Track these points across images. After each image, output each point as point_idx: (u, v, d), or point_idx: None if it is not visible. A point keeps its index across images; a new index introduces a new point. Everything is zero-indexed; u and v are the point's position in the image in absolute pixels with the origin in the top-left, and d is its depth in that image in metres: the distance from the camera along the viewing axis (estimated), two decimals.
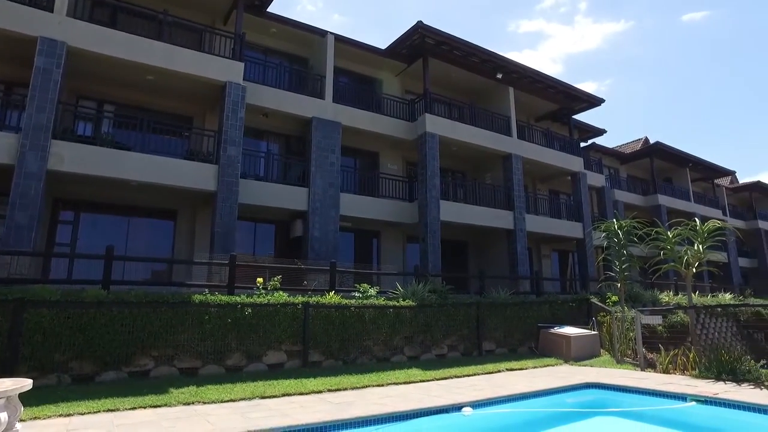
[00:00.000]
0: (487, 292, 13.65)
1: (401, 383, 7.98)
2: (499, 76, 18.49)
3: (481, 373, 9.13)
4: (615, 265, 12.35)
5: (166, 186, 11.76)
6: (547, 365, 10.42)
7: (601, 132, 25.25)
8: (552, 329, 12.08)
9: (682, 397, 6.93)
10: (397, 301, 10.73)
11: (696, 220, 10.07)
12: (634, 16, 79.92)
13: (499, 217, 17.49)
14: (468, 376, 8.86)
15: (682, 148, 28.14)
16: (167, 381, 7.34)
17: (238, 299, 8.71)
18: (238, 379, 7.75)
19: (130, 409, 5.74)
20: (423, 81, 16.97)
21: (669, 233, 10.07)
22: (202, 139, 13.48)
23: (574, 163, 20.80)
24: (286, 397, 6.77)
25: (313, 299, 9.55)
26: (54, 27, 10.76)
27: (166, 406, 6.00)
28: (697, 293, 15.82)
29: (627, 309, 11.49)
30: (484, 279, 14.75)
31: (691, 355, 9.02)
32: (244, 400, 6.53)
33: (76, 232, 12.11)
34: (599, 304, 13.13)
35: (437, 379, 8.42)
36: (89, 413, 5.48)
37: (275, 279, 9.93)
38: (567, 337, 11.42)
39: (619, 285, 12.42)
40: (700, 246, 9.60)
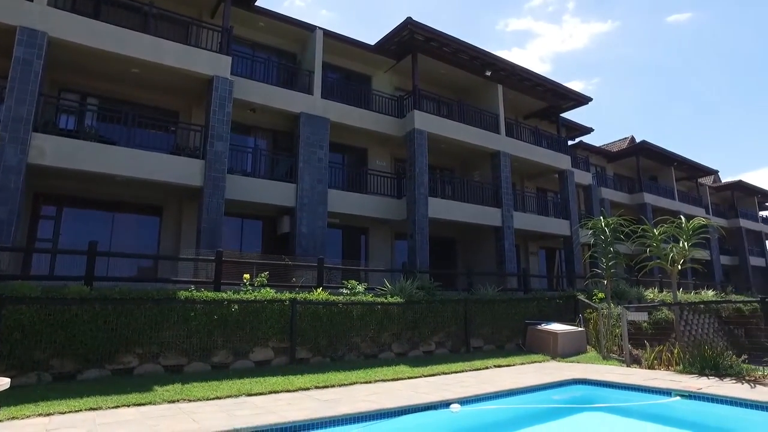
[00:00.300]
0: (475, 289, 13.68)
1: (389, 380, 7.95)
2: (488, 74, 18.52)
3: (469, 370, 9.14)
4: (602, 263, 12.44)
5: (152, 181, 11.58)
6: (535, 362, 10.47)
7: (588, 130, 25.44)
8: (539, 326, 12.14)
9: (667, 392, 7.01)
10: (385, 298, 10.70)
11: (682, 217, 10.17)
12: (620, 16, 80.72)
13: (487, 215, 17.53)
14: (456, 372, 8.87)
15: (667, 147, 28.51)
16: (152, 379, 7.23)
17: (225, 296, 8.61)
18: (225, 376, 7.66)
19: (113, 407, 5.62)
20: (412, 77, 16.92)
21: (655, 230, 10.16)
22: (188, 134, 13.31)
23: (562, 161, 20.93)
24: (273, 395, 6.70)
25: (301, 296, 9.47)
26: (34, 16, 10.50)
27: (150, 404, 5.90)
28: (681, 290, 16.03)
29: (613, 306, 11.59)
30: (472, 276, 14.78)
31: (675, 351, 9.11)
32: (231, 397, 6.44)
33: (58, 228, 11.87)
34: (586, 300, 13.23)
35: (425, 376, 8.41)
36: (70, 412, 5.35)
37: (262, 275, 9.83)
38: (554, 334, 11.48)
39: (605, 282, 12.52)
40: (685, 243, 9.71)
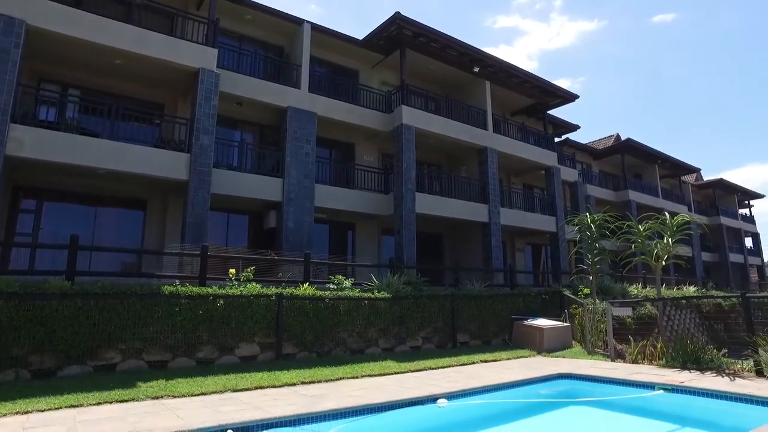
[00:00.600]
0: (462, 285, 13.73)
1: (376, 375, 7.93)
2: (476, 70, 18.52)
3: (456, 365, 9.16)
4: (587, 258, 12.55)
5: (136, 174, 11.39)
6: (521, 356, 10.53)
7: (574, 127, 25.62)
8: (525, 321, 12.22)
9: (651, 386, 7.10)
10: (372, 293, 10.67)
11: (666, 214, 10.30)
12: (607, 15, 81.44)
13: (474, 210, 17.58)
14: (442, 367, 8.88)
15: (651, 145, 28.87)
16: (135, 374, 7.12)
17: (210, 290, 8.50)
18: (210, 372, 7.57)
19: (95, 404, 5.52)
20: (400, 73, 16.86)
21: (640, 227, 10.28)
22: (173, 127, 13.11)
23: (549, 158, 21.06)
24: (258, 390, 6.64)
25: (287, 291, 9.40)
26: (11, 3, 10.18)
27: (133, 400, 5.80)
28: (663, 286, 16.26)
29: (598, 301, 11.70)
30: (459, 271, 14.83)
31: (658, 346, 9.23)
32: (216, 393, 6.38)
33: (38, 222, 11.61)
34: (571, 296, 13.36)
35: (412, 371, 8.41)
36: (50, 410, 5.23)
37: (248, 270, 9.74)
38: (540, 329, 11.57)
39: (591, 278, 12.64)
40: (669, 239, 9.83)
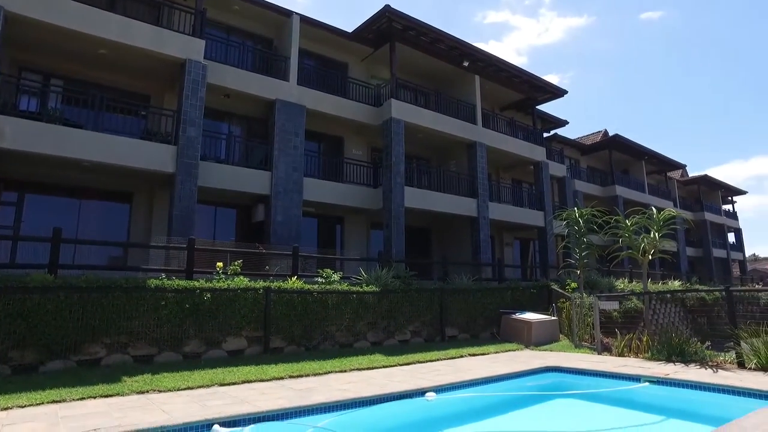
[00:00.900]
0: (451, 279, 13.75)
1: (364, 369, 7.92)
2: (466, 64, 18.50)
3: (444, 359, 9.18)
4: (575, 253, 12.64)
5: (121, 167, 11.21)
6: (509, 350, 10.59)
7: (563, 123, 25.75)
8: (513, 315, 12.28)
9: (637, 379, 7.18)
10: (361, 287, 10.64)
11: (653, 208, 10.39)
12: (596, 11, 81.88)
13: (463, 205, 17.61)
14: (431, 361, 8.89)
15: (638, 141, 29.11)
16: (120, 369, 7.02)
17: (197, 284, 8.42)
18: (197, 366, 7.50)
19: (78, 399, 5.42)
20: (390, 66, 16.78)
21: (627, 221, 10.36)
22: (160, 119, 12.91)
23: (537, 153, 21.15)
24: (246, 384, 6.59)
25: (275, 284, 9.34)
26: None
27: (118, 395, 5.72)
28: (649, 280, 16.46)
29: (585, 295, 11.81)
30: (448, 265, 14.86)
31: (644, 339, 9.34)
32: (203, 387, 6.31)
33: (20, 214, 11.37)
34: (559, 290, 13.45)
35: (400, 365, 8.41)
36: (31, 405, 5.13)
37: (236, 263, 9.65)
38: (528, 323, 11.63)
39: (578, 272, 12.74)
40: (656, 234, 9.92)
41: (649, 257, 10.17)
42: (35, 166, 11.10)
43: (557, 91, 21.56)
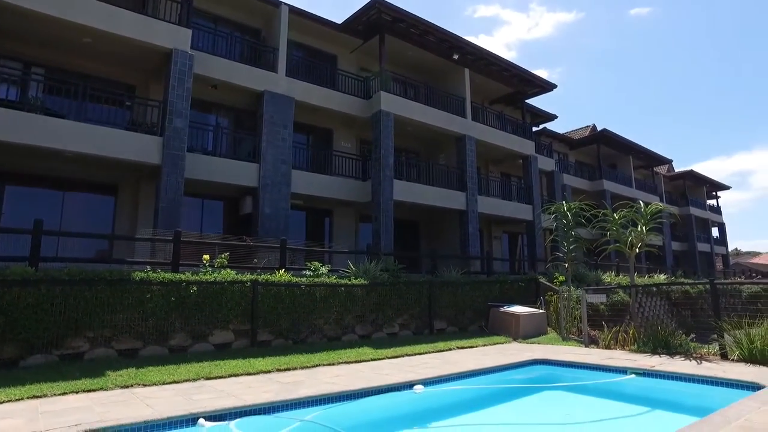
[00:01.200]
0: (439, 272, 13.75)
1: (352, 362, 7.89)
2: (456, 57, 18.43)
3: (433, 351, 9.18)
4: (563, 246, 12.69)
5: (106, 158, 11.02)
6: (497, 343, 10.63)
7: (552, 117, 25.81)
8: (501, 308, 12.32)
9: (623, 371, 7.23)
10: (349, 280, 10.59)
11: (641, 202, 10.46)
12: (585, 7, 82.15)
13: (451, 198, 17.61)
14: (419, 354, 8.88)
15: (626, 136, 29.32)
16: (104, 363, 6.90)
17: (183, 277, 8.30)
18: (183, 360, 7.41)
19: (59, 394, 5.31)
20: (379, 58, 16.66)
21: (615, 215, 10.42)
22: (145, 110, 12.69)
23: (526, 147, 21.20)
24: (233, 378, 6.52)
25: (262, 277, 9.25)
26: None
27: (101, 389, 5.62)
28: (636, 274, 16.64)
29: (573, 288, 11.87)
30: (436, 258, 14.86)
31: (630, 332, 9.42)
32: (189, 381, 6.23)
33: (0, 206, 11.15)
34: (547, 283, 13.53)
35: (388, 358, 8.39)
36: (9, 401, 4.99)
37: (222, 256, 9.55)
38: (516, 316, 11.68)
39: (566, 265, 12.80)
40: (643, 227, 9.99)
41: (636, 251, 10.24)
42: (16, 157, 10.84)
43: (546, 85, 21.59)
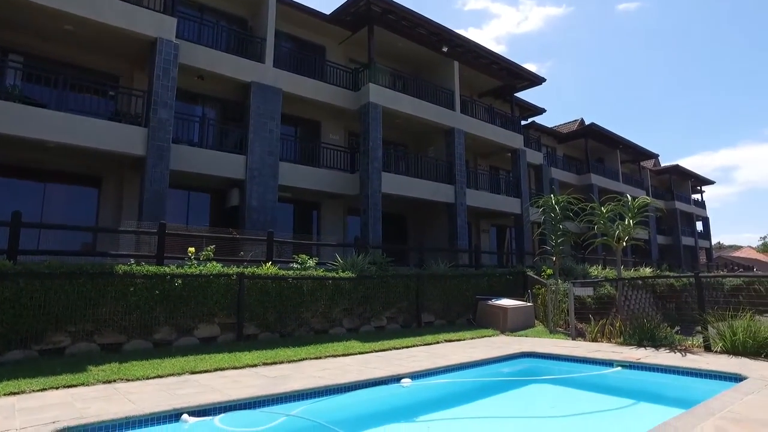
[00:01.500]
0: (427, 265, 13.72)
1: (339, 355, 7.83)
2: (445, 50, 18.34)
3: (420, 345, 9.16)
4: (551, 240, 12.73)
5: (89, 149, 10.80)
6: (485, 336, 10.64)
7: (541, 111, 25.88)
8: (489, 301, 12.34)
9: (609, 363, 7.27)
10: (337, 273, 10.52)
11: (628, 196, 10.51)
12: (574, 1, 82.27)
13: (440, 191, 17.58)
14: (407, 347, 8.85)
15: (613, 131, 29.48)
16: (86, 358, 6.76)
17: (167, 270, 8.16)
18: (167, 354, 7.29)
19: (38, 390, 5.17)
20: (368, 50, 16.50)
21: (603, 208, 10.46)
22: (129, 100, 12.45)
23: (515, 140, 21.22)
24: (218, 372, 6.43)
25: (249, 270, 9.14)
26: None
27: (82, 385, 5.49)
28: (622, 267, 16.81)
29: (561, 282, 11.92)
30: (425, 251, 14.84)
31: (617, 324, 9.47)
32: (173, 375, 6.13)
33: None
34: (535, 277, 13.57)
35: (376, 351, 8.34)
36: None
37: (208, 249, 9.41)
38: (504, 309, 11.71)
39: (554, 259, 12.85)
40: (630, 221, 10.04)
41: (623, 244, 10.30)
42: None
43: (535, 79, 21.60)
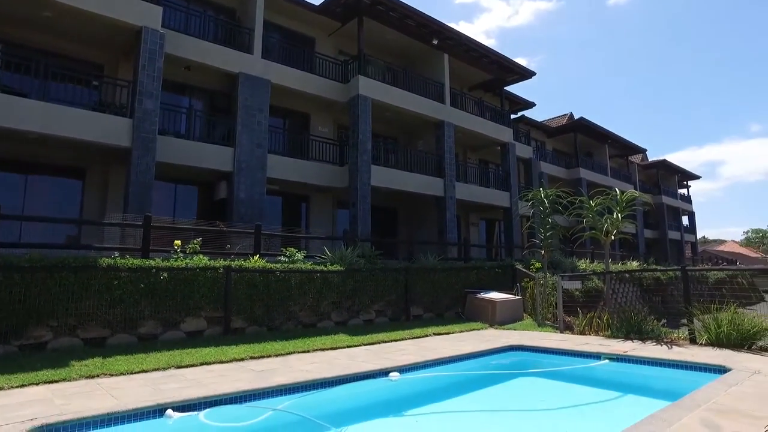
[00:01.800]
0: (416, 258, 13.70)
1: (328, 349, 7.79)
2: (435, 42, 18.24)
3: (409, 338, 9.14)
4: (540, 233, 12.77)
5: (72, 140, 10.57)
6: (474, 329, 10.65)
7: (530, 105, 25.90)
8: (478, 294, 12.36)
9: (597, 356, 7.31)
10: (325, 266, 10.45)
11: (617, 190, 10.55)
12: None
13: (429, 184, 17.53)
14: (396, 341, 8.83)
15: (602, 125, 29.64)
16: (68, 353, 6.64)
17: (153, 263, 8.04)
18: (153, 348, 7.20)
19: (18, 386, 5.05)
20: (357, 42, 16.35)
21: (591, 202, 10.50)
22: (114, 90, 12.21)
23: (505, 134, 21.21)
24: (204, 366, 6.36)
25: (236, 263, 9.05)
26: None
27: (64, 380, 5.39)
28: (610, 261, 16.95)
29: (549, 275, 11.97)
30: (414, 245, 14.81)
31: (604, 317, 9.54)
32: (158, 370, 6.04)
33: None
34: (524, 270, 13.61)
35: (365, 345, 8.31)
36: None
37: (195, 242, 9.28)
38: (492, 302, 11.73)
39: (542, 252, 12.89)
40: (618, 215, 10.09)
41: (611, 238, 10.35)
42: None
43: (525, 73, 21.59)
